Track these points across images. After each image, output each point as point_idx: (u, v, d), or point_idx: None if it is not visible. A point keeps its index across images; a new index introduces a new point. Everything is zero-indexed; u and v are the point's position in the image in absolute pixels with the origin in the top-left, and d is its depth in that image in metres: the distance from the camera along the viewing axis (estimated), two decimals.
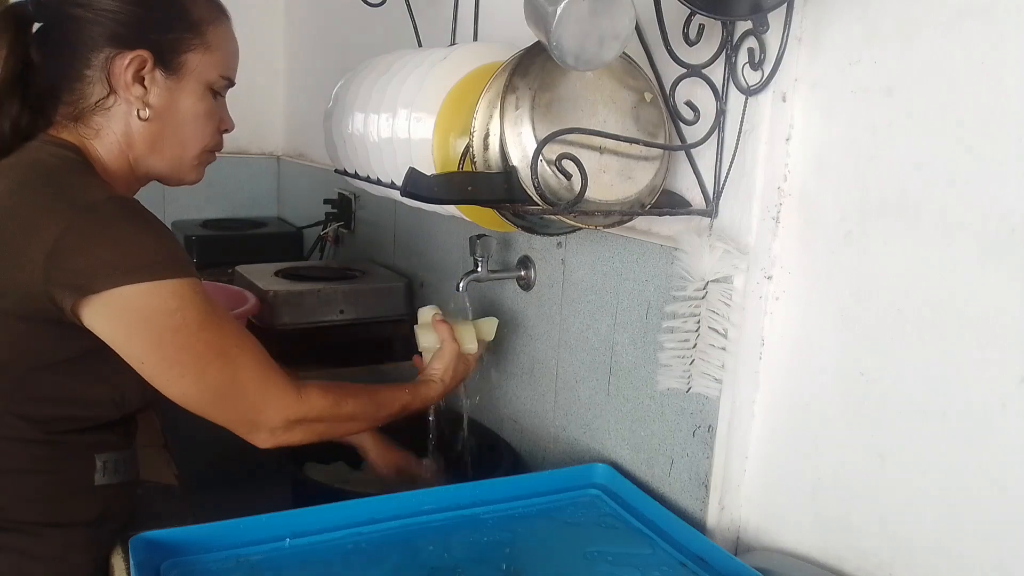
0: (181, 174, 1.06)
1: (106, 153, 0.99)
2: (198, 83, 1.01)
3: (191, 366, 0.92)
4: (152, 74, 0.97)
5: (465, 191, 0.93)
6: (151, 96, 0.98)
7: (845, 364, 0.90)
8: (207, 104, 1.03)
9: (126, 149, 0.99)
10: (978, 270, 0.77)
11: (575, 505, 1.07)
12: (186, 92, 1.00)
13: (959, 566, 0.80)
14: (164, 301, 0.88)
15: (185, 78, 1.00)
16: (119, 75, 0.96)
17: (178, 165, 1.05)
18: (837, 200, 0.89)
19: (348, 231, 2.16)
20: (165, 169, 1.04)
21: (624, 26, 0.82)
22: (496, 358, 1.45)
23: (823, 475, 0.93)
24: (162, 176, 1.05)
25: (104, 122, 0.98)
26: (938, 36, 0.79)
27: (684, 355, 0.97)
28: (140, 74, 0.97)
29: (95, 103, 0.97)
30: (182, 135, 1.02)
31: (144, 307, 0.88)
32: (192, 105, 1.01)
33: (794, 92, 0.91)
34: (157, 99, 0.99)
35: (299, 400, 0.99)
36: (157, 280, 0.87)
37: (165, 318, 0.89)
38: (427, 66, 1.11)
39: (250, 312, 1.56)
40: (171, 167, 1.04)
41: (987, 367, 0.76)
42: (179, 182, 1.07)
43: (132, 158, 1.00)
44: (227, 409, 0.96)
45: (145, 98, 0.98)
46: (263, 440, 0.98)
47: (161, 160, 1.02)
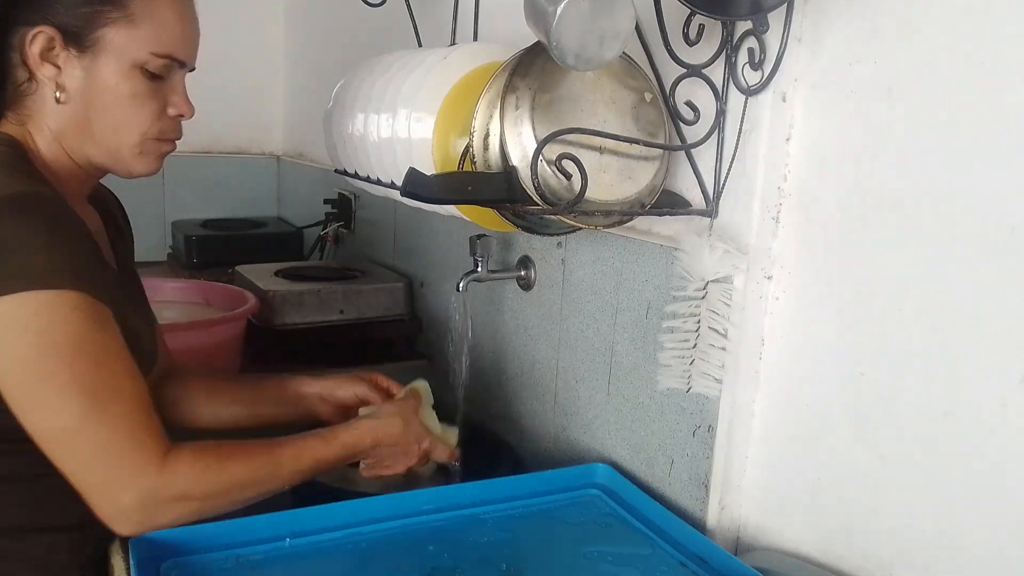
0: (124, 163, 0.96)
1: (42, 143, 0.93)
2: (120, 61, 0.91)
3: (48, 396, 0.81)
4: (64, 52, 0.90)
5: (465, 191, 0.93)
6: (64, 76, 0.90)
7: (845, 364, 0.90)
8: (135, 84, 0.92)
9: (57, 135, 0.93)
10: (978, 270, 0.77)
11: (575, 505, 1.07)
12: (106, 71, 0.91)
13: (959, 566, 0.80)
14: (33, 316, 0.79)
15: (102, 55, 0.90)
16: (29, 55, 0.89)
17: (116, 153, 0.95)
18: (837, 200, 0.89)
19: (348, 231, 2.16)
20: (104, 158, 0.95)
21: (624, 26, 0.82)
22: (496, 358, 1.45)
23: (823, 475, 0.93)
24: (105, 166, 0.97)
25: (33, 108, 0.92)
26: (938, 36, 0.79)
27: (684, 355, 0.97)
28: (50, 53, 0.90)
29: (19, 87, 0.92)
30: (111, 119, 0.93)
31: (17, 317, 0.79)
32: (115, 86, 0.92)
33: (794, 92, 0.92)
34: (71, 80, 0.91)
35: (161, 473, 0.85)
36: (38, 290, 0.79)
37: (34, 334, 0.79)
38: (427, 66, 1.11)
39: (250, 312, 1.56)
40: (109, 155, 0.95)
41: (987, 367, 0.76)
42: (127, 173, 0.98)
43: (66, 146, 0.94)
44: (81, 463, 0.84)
45: (59, 79, 0.90)
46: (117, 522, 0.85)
47: (96, 147, 0.94)
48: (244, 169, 2.76)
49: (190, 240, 2.30)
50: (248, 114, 2.75)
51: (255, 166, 2.78)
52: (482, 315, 1.46)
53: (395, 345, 1.75)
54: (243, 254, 2.20)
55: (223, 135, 2.71)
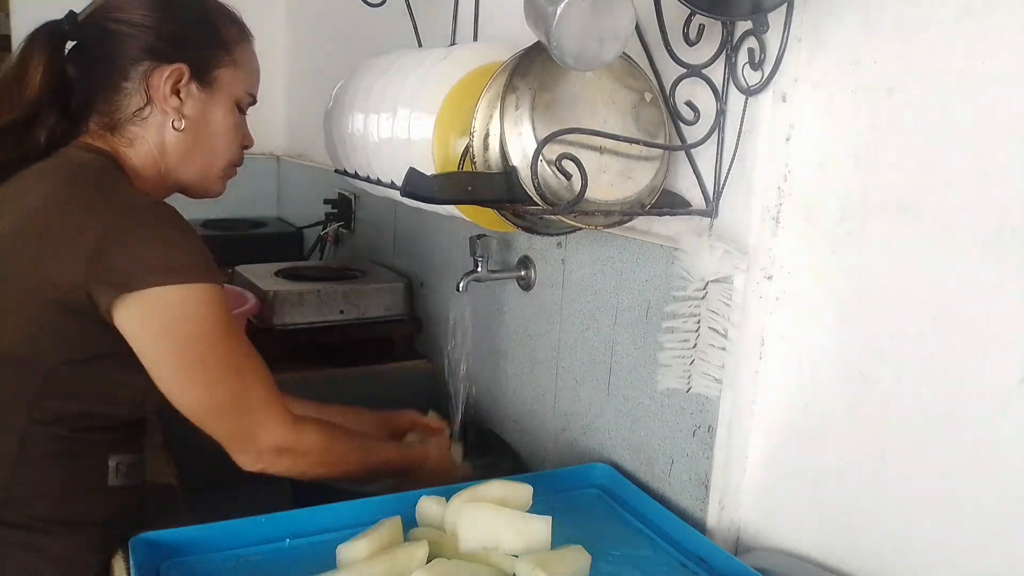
0: (207, 185, 1.11)
1: (139, 162, 1.03)
2: (228, 97, 1.07)
3: (205, 376, 0.93)
4: (188, 87, 1.02)
5: (465, 191, 0.93)
6: (186, 108, 1.03)
7: (845, 364, 0.89)
8: (235, 118, 1.09)
9: (159, 158, 1.04)
10: (978, 270, 0.76)
11: (575, 505, 1.07)
12: (217, 105, 1.06)
13: (959, 566, 0.80)
14: (196, 306, 0.91)
15: (217, 92, 1.05)
16: (158, 87, 1.01)
17: (205, 176, 1.09)
18: (837, 200, 0.89)
19: (348, 231, 2.16)
20: (193, 179, 1.09)
21: (624, 26, 0.82)
22: (496, 358, 1.45)
23: (823, 475, 0.93)
24: (189, 186, 1.10)
25: (139, 132, 1.02)
26: (938, 36, 0.79)
27: (684, 355, 0.97)
28: (177, 86, 1.02)
29: (132, 113, 1.01)
30: (212, 147, 1.07)
31: (176, 310, 0.90)
32: (222, 118, 1.07)
33: (794, 92, 0.91)
34: (191, 111, 1.03)
35: (295, 430, 0.99)
36: (192, 283, 0.91)
37: (192, 324, 0.91)
38: (427, 66, 1.11)
39: (250, 312, 1.56)
40: (199, 178, 1.09)
41: (987, 367, 0.76)
42: (204, 193, 1.12)
43: (163, 167, 1.05)
44: (228, 424, 0.96)
45: (181, 109, 1.03)
46: (249, 461, 0.98)
47: (190, 170, 1.07)
48: (244, 169, 2.74)
49: None
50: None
51: (255, 166, 2.78)
52: (482, 315, 1.46)
53: (395, 345, 1.75)
54: (243, 254, 2.20)
55: None
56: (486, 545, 0.88)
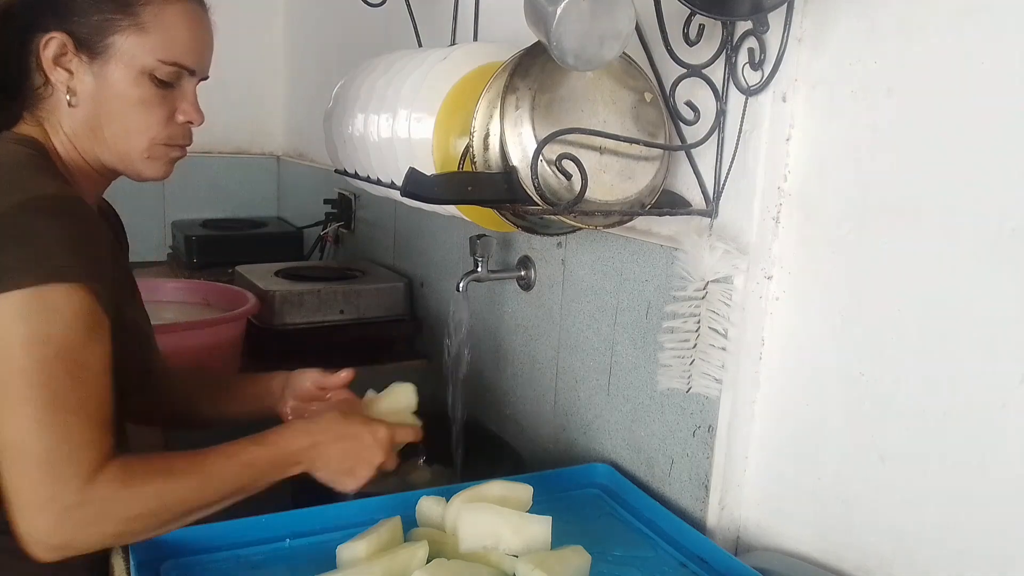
0: (134, 167, 0.98)
1: (59, 145, 0.95)
2: (129, 67, 0.93)
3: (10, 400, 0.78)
4: (76, 58, 0.92)
5: (465, 191, 0.93)
6: (76, 81, 0.93)
7: (845, 364, 0.90)
8: (143, 91, 0.94)
9: (72, 139, 0.95)
10: (978, 270, 0.77)
11: (575, 505, 1.07)
12: (115, 77, 0.93)
13: (959, 565, 0.80)
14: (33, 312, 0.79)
15: (111, 62, 0.93)
16: (44, 60, 0.92)
17: (126, 157, 0.97)
18: (837, 200, 0.89)
19: (348, 231, 2.16)
20: (114, 161, 0.97)
21: (624, 26, 0.82)
22: (496, 358, 1.45)
23: (823, 475, 0.93)
24: (116, 168, 0.99)
25: (48, 112, 0.95)
26: (938, 36, 0.79)
27: (684, 355, 0.97)
28: (62, 58, 0.92)
29: (35, 91, 0.94)
30: (120, 124, 0.95)
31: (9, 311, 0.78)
32: (124, 91, 0.94)
33: (794, 92, 0.91)
34: (82, 84, 0.93)
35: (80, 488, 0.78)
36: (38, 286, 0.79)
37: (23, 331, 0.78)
38: (427, 66, 1.11)
39: (250, 312, 1.56)
40: (119, 159, 0.97)
41: (987, 367, 0.76)
42: (137, 176, 1.00)
43: (79, 148, 0.96)
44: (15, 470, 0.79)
45: (70, 83, 0.93)
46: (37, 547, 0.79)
47: (107, 151, 0.96)
48: (244, 169, 2.76)
49: (190, 240, 2.30)
50: (248, 114, 2.75)
51: (255, 166, 2.78)
52: (482, 315, 1.46)
53: (395, 345, 1.75)
54: (243, 254, 2.20)
55: (223, 135, 2.71)
56: (486, 545, 0.88)
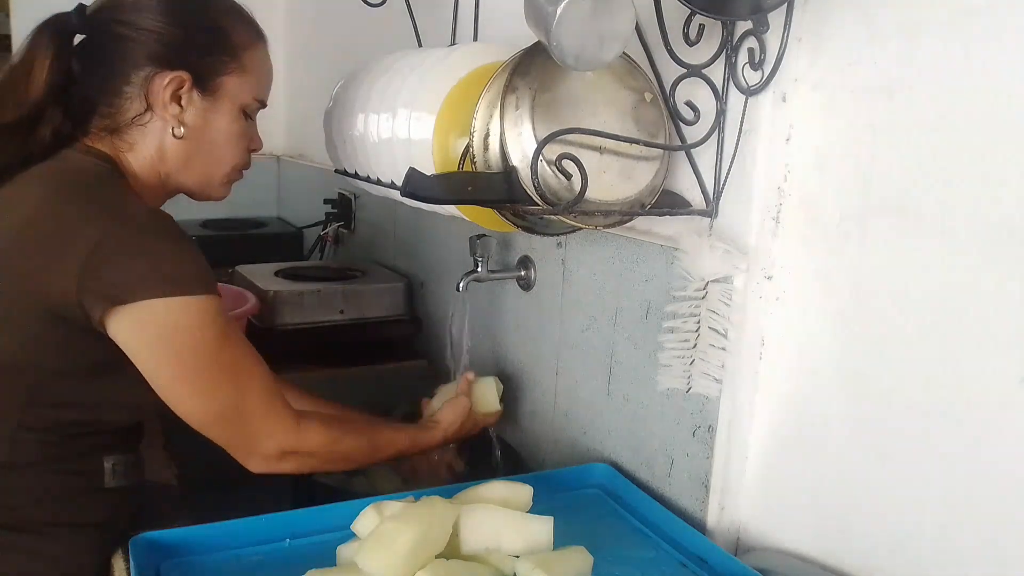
0: (209, 190, 1.09)
1: (139, 166, 1.01)
2: (233, 105, 1.04)
3: (203, 385, 0.93)
4: (190, 94, 1.00)
5: (465, 191, 0.93)
6: (187, 115, 1.01)
7: (845, 364, 0.89)
8: (240, 125, 1.06)
9: (158, 164, 1.02)
10: (978, 270, 0.76)
11: (575, 505, 1.07)
12: (221, 113, 1.03)
13: (959, 566, 0.80)
14: (190, 317, 0.91)
15: (220, 100, 1.03)
16: (158, 94, 0.98)
17: (207, 182, 1.08)
18: (837, 200, 0.89)
19: (348, 231, 2.16)
20: (194, 185, 1.07)
21: (624, 26, 0.82)
22: (496, 358, 1.45)
23: (823, 475, 0.93)
24: (190, 191, 1.08)
25: (139, 137, 1.00)
26: (938, 36, 0.79)
27: (684, 355, 0.97)
28: (178, 94, 0.99)
29: (132, 119, 0.99)
30: (214, 154, 1.05)
31: (170, 321, 0.90)
32: (226, 126, 1.04)
33: (794, 92, 0.91)
34: (192, 118, 1.01)
35: (297, 432, 0.99)
36: (186, 296, 0.90)
37: (187, 335, 0.91)
38: (427, 66, 1.11)
39: (250, 312, 1.56)
40: (200, 184, 1.07)
41: (987, 367, 0.76)
42: (206, 198, 1.10)
43: (163, 173, 1.03)
44: (229, 431, 0.96)
45: (181, 117, 1.00)
46: (256, 464, 0.98)
47: (191, 176, 1.05)
48: None
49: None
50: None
51: (255, 166, 2.76)
52: (482, 315, 1.46)
53: (395, 345, 1.75)
54: (243, 254, 2.19)
55: None
56: (488, 546, 0.87)
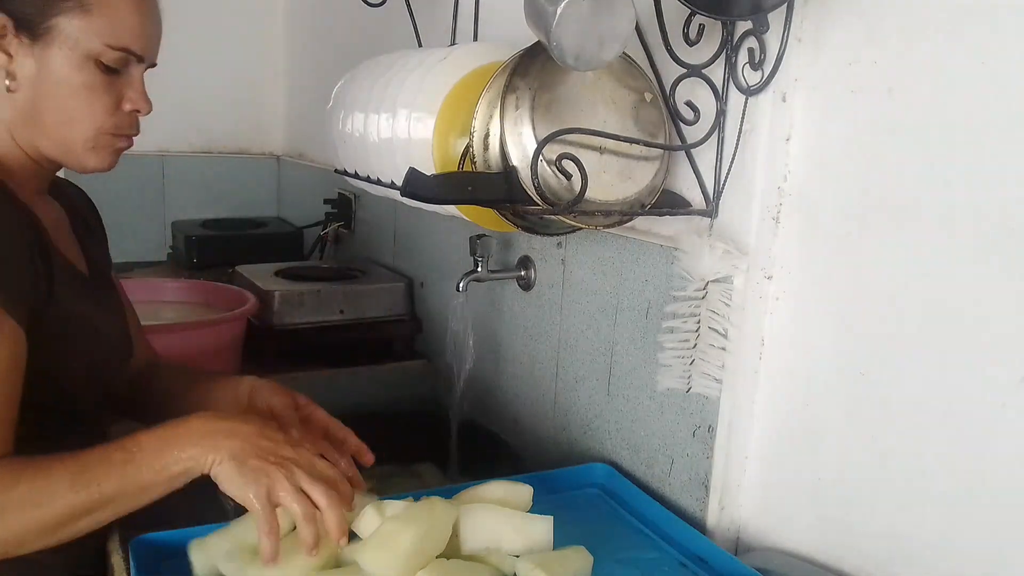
0: (76, 157, 0.94)
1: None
2: (73, 51, 0.89)
3: None
4: (16, 39, 0.88)
5: (465, 191, 0.93)
6: (15, 64, 0.88)
7: (845, 364, 0.90)
8: (88, 76, 0.90)
9: (9, 127, 0.91)
10: (978, 270, 0.77)
11: (575, 505, 1.07)
12: (58, 61, 0.89)
13: (959, 566, 0.80)
14: None
15: (54, 45, 0.88)
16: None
17: (68, 146, 0.93)
18: (837, 200, 0.89)
19: (348, 231, 2.16)
20: (55, 150, 0.93)
21: (624, 26, 0.82)
22: (496, 358, 1.45)
23: (823, 475, 0.93)
24: (57, 158, 0.95)
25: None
26: (938, 36, 0.79)
27: (684, 355, 0.97)
28: (1, 40, 0.88)
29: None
30: (63, 111, 0.91)
31: None
32: (67, 76, 0.89)
33: (794, 92, 0.91)
34: (22, 68, 0.89)
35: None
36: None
37: None
38: (427, 66, 1.11)
39: (250, 312, 1.56)
40: (60, 148, 0.93)
41: (987, 367, 0.76)
42: (79, 167, 0.95)
43: (17, 137, 0.92)
44: None
45: (9, 67, 0.88)
46: None
47: (47, 139, 0.92)
48: (244, 169, 2.75)
49: (190, 240, 2.30)
50: (248, 114, 2.74)
51: (255, 166, 2.78)
52: (482, 315, 1.46)
53: (395, 345, 1.75)
54: (243, 254, 2.19)
55: (223, 135, 2.71)
56: (488, 546, 0.87)
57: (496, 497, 0.93)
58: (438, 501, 0.87)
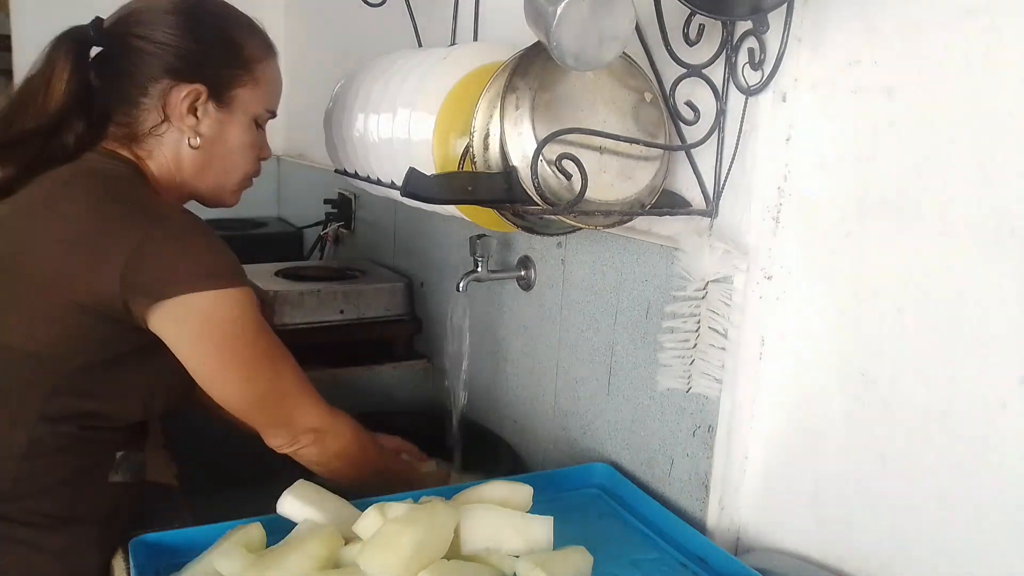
0: (222, 197, 1.13)
1: (157, 172, 1.05)
2: (245, 116, 1.07)
3: (244, 372, 0.99)
4: (205, 106, 1.04)
5: (465, 191, 0.93)
6: (202, 126, 1.04)
7: (845, 364, 0.89)
8: (252, 135, 1.09)
9: (175, 172, 1.06)
10: (978, 270, 0.76)
11: (575, 505, 1.07)
12: (234, 124, 1.07)
13: (959, 566, 0.80)
14: (228, 309, 0.96)
15: (235, 111, 1.06)
16: (175, 106, 1.02)
17: (220, 190, 1.11)
18: (837, 200, 0.89)
19: (348, 231, 2.16)
20: (208, 192, 1.10)
21: (624, 26, 0.82)
22: (496, 358, 1.45)
23: (823, 475, 0.93)
24: (203, 198, 1.12)
25: (156, 146, 1.04)
26: (939, 36, 0.79)
27: (684, 355, 0.97)
28: (194, 106, 1.03)
29: (149, 129, 1.03)
30: (227, 163, 1.09)
31: (210, 313, 0.95)
32: (239, 136, 1.08)
33: (794, 92, 0.91)
34: (207, 129, 1.05)
35: (331, 416, 1.06)
36: (223, 289, 0.95)
37: (228, 325, 0.96)
38: (427, 66, 1.11)
39: None
40: (213, 191, 1.11)
41: (987, 367, 0.76)
42: (218, 204, 1.14)
43: (179, 180, 1.06)
44: (268, 412, 1.03)
45: (197, 128, 1.04)
46: (283, 442, 1.04)
47: (204, 184, 1.09)
48: None
49: None
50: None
51: None
52: (482, 315, 1.46)
53: (395, 345, 1.75)
54: (243, 254, 2.19)
55: None
56: (488, 546, 0.87)
57: (496, 497, 0.93)
58: (440, 503, 0.87)
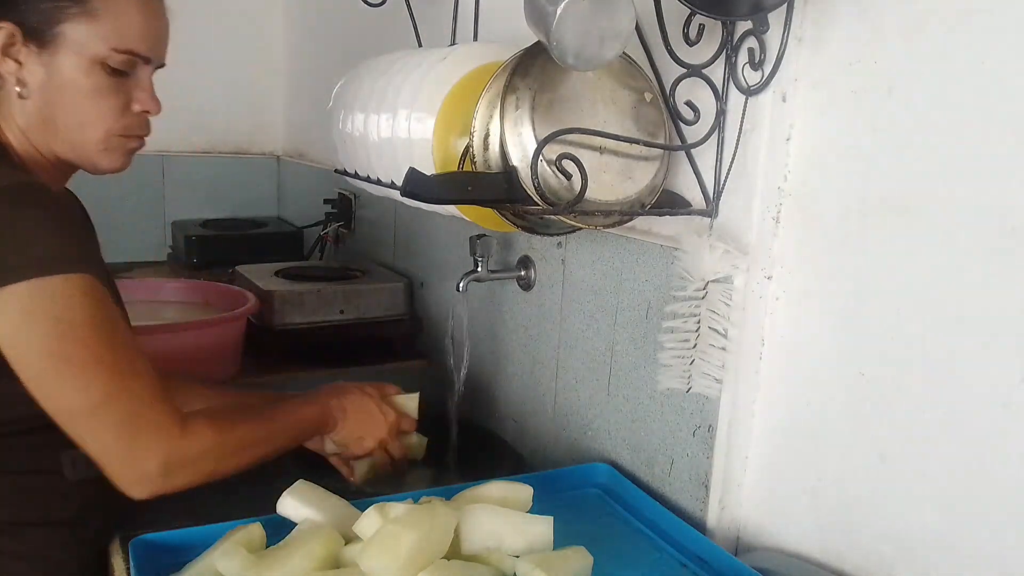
0: (89, 159, 0.96)
1: (13, 138, 0.94)
2: (80, 56, 0.90)
3: (73, 375, 0.83)
4: (25, 48, 0.90)
5: (465, 191, 0.93)
6: (25, 72, 0.90)
7: (845, 364, 0.89)
8: (96, 80, 0.92)
9: (25, 131, 0.93)
10: (978, 270, 0.76)
11: (575, 505, 1.07)
12: (66, 67, 0.90)
13: (959, 566, 0.80)
14: (54, 300, 0.81)
15: (62, 51, 0.90)
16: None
17: (81, 149, 0.95)
18: (837, 200, 0.89)
19: (348, 231, 2.16)
20: (69, 153, 0.95)
21: (624, 26, 0.82)
22: (496, 358, 1.45)
23: (823, 475, 0.93)
24: (71, 161, 0.97)
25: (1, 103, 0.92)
26: (939, 36, 0.79)
27: (684, 355, 0.97)
28: (11, 49, 0.89)
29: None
30: (73, 115, 0.93)
31: (31, 305, 0.81)
32: (75, 80, 0.91)
33: (794, 92, 0.91)
34: (32, 75, 0.90)
35: (182, 438, 0.87)
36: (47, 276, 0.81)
37: (52, 320, 0.81)
38: (427, 66, 1.11)
39: (250, 312, 1.56)
40: (73, 151, 0.95)
41: (987, 367, 0.76)
42: (93, 168, 0.97)
43: (33, 141, 0.94)
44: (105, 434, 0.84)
45: (19, 74, 0.90)
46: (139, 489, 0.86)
47: (60, 143, 0.94)
48: (244, 169, 2.75)
49: (190, 240, 2.30)
50: (248, 114, 2.74)
51: (255, 166, 2.78)
52: (482, 315, 1.46)
53: (395, 345, 1.75)
54: (243, 254, 2.19)
55: (223, 135, 2.71)
56: (488, 546, 0.87)
57: (496, 497, 0.93)
58: (440, 504, 0.87)
